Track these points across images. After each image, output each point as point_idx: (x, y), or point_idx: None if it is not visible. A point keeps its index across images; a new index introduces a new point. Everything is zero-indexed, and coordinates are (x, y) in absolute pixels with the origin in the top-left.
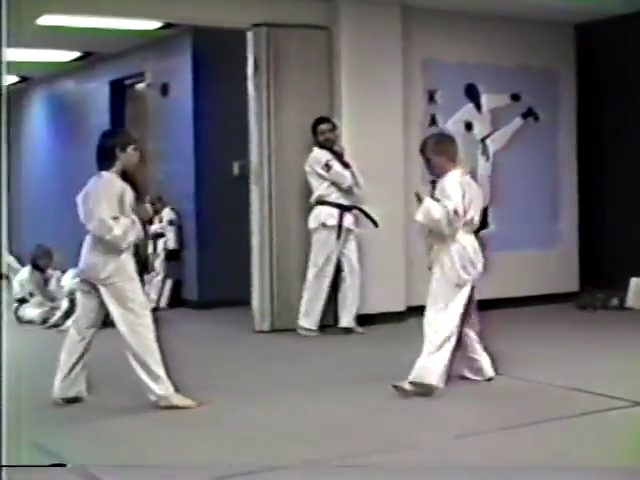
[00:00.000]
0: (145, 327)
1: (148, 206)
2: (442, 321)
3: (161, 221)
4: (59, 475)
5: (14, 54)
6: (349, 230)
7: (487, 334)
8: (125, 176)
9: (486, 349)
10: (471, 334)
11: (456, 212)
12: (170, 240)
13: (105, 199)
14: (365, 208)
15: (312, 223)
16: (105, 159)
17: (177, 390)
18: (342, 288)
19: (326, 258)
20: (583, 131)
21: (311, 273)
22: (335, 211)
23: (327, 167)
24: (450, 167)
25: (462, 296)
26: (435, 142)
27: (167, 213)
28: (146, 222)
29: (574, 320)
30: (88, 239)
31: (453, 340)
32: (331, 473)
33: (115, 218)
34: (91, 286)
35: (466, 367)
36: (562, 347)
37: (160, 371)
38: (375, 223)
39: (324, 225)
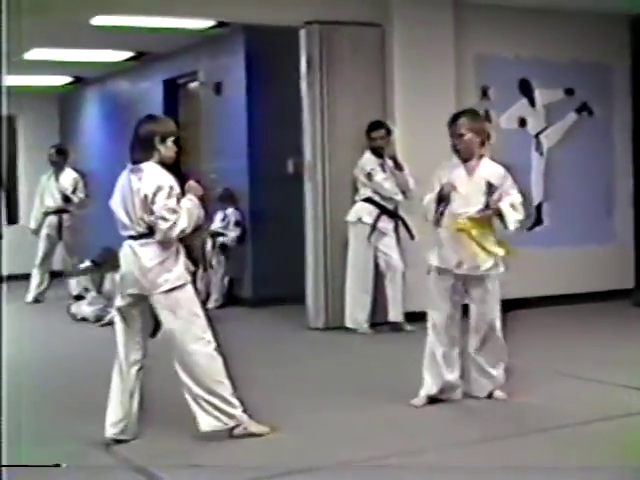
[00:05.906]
0: None
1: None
2: None
3: (223, 220)
4: (120, 475)
5: (68, 54)
6: (383, 233)
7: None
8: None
9: None
10: None
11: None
12: (230, 239)
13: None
14: (406, 218)
15: (351, 217)
16: (142, 148)
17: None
18: (384, 284)
19: (362, 253)
20: (638, 125)
21: (349, 267)
22: (375, 211)
23: (369, 176)
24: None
25: None
26: (472, 118)
27: (232, 213)
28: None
29: (629, 317)
30: None
31: None
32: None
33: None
34: None
35: None
36: (617, 345)
37: None
38: (412, 235)
39: (360, 220)
